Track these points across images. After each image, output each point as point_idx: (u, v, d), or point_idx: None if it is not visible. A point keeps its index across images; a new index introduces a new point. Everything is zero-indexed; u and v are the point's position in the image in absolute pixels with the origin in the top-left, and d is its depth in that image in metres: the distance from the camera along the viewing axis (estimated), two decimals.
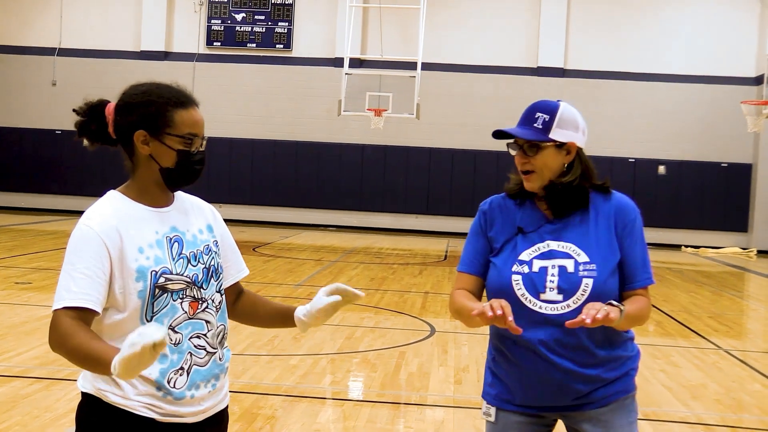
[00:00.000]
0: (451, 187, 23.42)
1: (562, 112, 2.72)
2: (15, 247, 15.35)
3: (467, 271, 2.85)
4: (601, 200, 2.78)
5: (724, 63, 22.94)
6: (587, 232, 2.73)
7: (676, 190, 22.39)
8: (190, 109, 2.44)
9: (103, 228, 2.35)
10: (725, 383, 7.40)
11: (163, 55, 24.00)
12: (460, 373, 7.21)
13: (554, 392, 2.72)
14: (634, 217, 2.77)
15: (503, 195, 2.88)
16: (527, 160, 2.73)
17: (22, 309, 9.22)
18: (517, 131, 2.72)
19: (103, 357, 2.14)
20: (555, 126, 2.71)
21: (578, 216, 2.76)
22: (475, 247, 2.85)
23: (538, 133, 2.70)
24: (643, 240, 2.79)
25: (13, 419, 5.38)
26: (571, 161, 2.75)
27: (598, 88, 22.60)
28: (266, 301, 2.78)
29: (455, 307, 2.79)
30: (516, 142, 2.75)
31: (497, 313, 2.48)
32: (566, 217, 2.76)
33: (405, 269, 14.95)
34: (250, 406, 5.90)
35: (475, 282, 2.84)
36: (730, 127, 22.42)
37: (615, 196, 2.80)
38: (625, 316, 2.59)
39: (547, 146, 2.71)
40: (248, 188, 23.73)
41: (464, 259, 2.87)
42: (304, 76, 23.66)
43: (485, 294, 2.85)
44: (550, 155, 2.72)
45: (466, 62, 23.45)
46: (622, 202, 2.79)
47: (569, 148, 2.74)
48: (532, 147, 2.71)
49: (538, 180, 2.73)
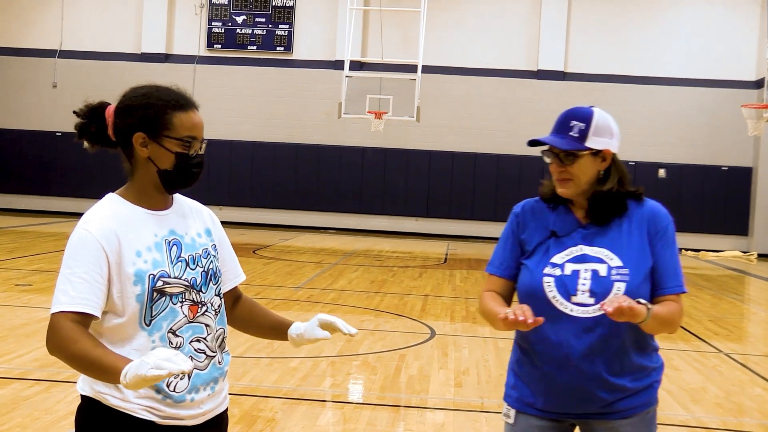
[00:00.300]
0: (451, 190, 23.43)
1: (597, 119, 2.72)
2: (15, 249, 15.35)
3: (498, 274, 2.86)
4: (634, 206, 2.79)
5: (725, 66, 22.95)
6: (620, 238, 2.74)
7: (677, 193, 22.39)
8: (189, 111, 2.44)
9: (102, 232, 2.34)
10: (726, 387, 7.39)
11: (163, 57, 24.01)
12: (461, 376, 7.21)
13: (578, 399, 2.71)
14: (667, 224, 2.78)
15: (536, 198, 2.88)
16: (564, 168, 2.72)
17: (23, 311, 9.21)
18: (554, 141, 2.71)
19: (111, 366, 2.15)
20: (591, 134, 2.70)
21: (612, 222, 2.77)
22: (507, 249, 2.85)
23: (575, 142, 2.70)
24: (675, 247, 2.79)
25: (13, 421, 5.38)
26: (606, 167, 2.76)
27: (598, 92, 22.60)
28: (263, 311, 2.77)
29: (483, 309, 2.81)
30: (551, 150, 2.74)
31: (518, 319, 2.49)
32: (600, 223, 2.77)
33: (405, 272, 14.95)
34: (250, 409, 5.90)
35: (505, 285, 2.85)
36: (731, 131, 22.43)
37: (648, 203, 2.81)
38: (653, 316, 2.56)
39: (583, 155, 2.71)
40: (248, 190, 23.73)
41: (495, 261, 2.88)
42: (304, 78, 23.67)
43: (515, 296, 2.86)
44: (586, 163, 2.72)
45: (466, 65, 23.46)
46: (655, 209, 2.80)
47: (605, 155, 2.74)
48: (569, 156, 2.71)
49: (573, 187, 2.73)
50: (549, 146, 2.74)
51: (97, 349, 2.22)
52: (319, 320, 2.63)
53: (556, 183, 2.76)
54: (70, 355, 2.23)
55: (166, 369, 2.03)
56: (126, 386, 2.10)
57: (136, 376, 2.06)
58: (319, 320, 2.63)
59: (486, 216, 22.93)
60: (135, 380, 2.07)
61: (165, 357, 2.05)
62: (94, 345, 2.23)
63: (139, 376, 2.06)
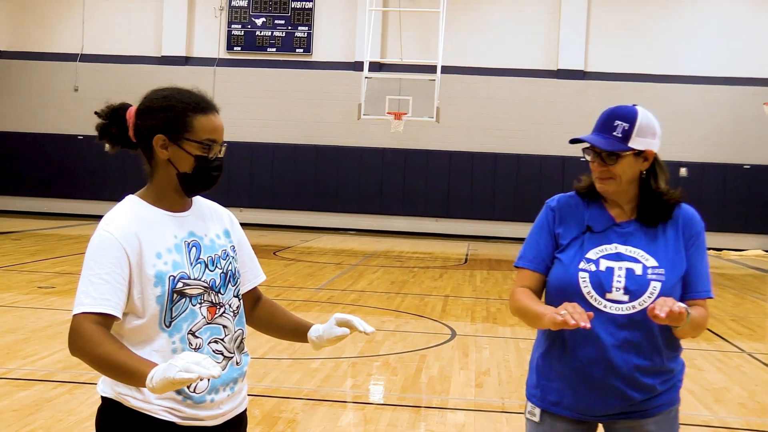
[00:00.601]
0: (471, 191, 23.38)
1: (641, 120, 2.71)
2: (38, 252, 15.47)
3: (530, 268, 2.81)
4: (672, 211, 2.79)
5: (746, 64, 22.78)
6: (656, 239, 2.73)
7: (698, 192, 22.21)
8: (210, 114, 2.45)
9: (123, 233, 2.35)
10: (749, 387, 7.34)
11: (183, 60, 24.13)
12: (481, 377, 7.19)
13: (607, 397, 2.69)
14: (700, 229, 2.79)
15: (570, 194, 2.86)
16: (606, 168, 2.71)
17: (46, 313, 9.28)
18: (597, 141, 2.69)
19: (136, 369, 2.16)
20: (635, 134, 2.69)
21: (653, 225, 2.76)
22: (540, 243, 2.82)
23: (618, 143, 2.68)
24: (706, 253, 2.80)
25: (37, 423, 5.42)
26: (648, 167, 2.75)
27: (618, 91, 22.48)
28: (284, 313, 2.76)
29: (518, 305, 2.75)
30: (593, 149, 2.72)
31: (580, 324, 2.41)
32: (635, 222, 2.76)
33: (425, 273, 14.94)
34: (271, 410, 5.91)
35: (537, 279, 2.81)
36: (753, 129, 22.27)
37: (682, 206, 2.80)
38: (690, 321, 2.57)
39: (626, 155, 2.70)
40: (268, 192, 23.79)
41: (527, 254, 2.83)
42: (323, 80, 23.70)
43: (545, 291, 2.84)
44: (628, 163, 2.71)
45: (486, 65, 23.41)
46: (689, 213, 2.80)
47: (647, 155, 2.74)
48: (611, 155, 2.69)
49: (614, 185, 2.72)
50: (591, 145, 2.72)
51: (122, 352, 2.22)
52: (336, 319, 2.62)
53: (597, 181, 2.74)
54: (93, 358, 2.24)
55: (195, 372, 2.04)
56: (152, 390, 2.11)
57: (164, 379, 2.07)
58: (336, 319, 2.62)
59: (506, 216, 22.87)
60: (162, 383, 2.07)
61: (194, 360, 2.06)
62: (118, 348, 2.24)
63: (167, 379, 2.06)
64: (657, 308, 2.47)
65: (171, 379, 2.06)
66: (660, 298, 2.54)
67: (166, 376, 2.07)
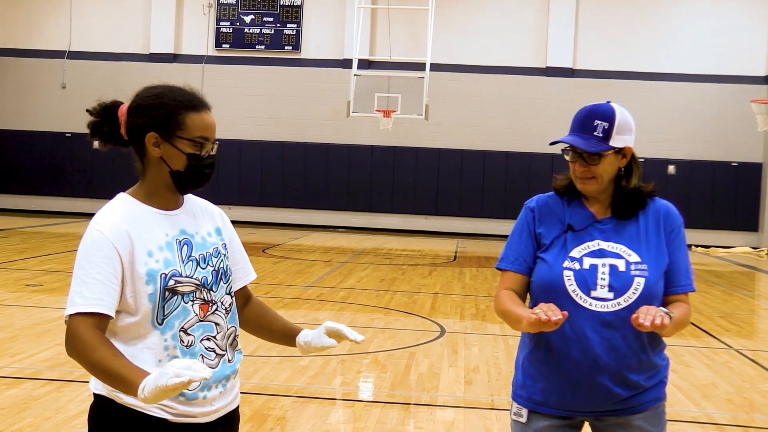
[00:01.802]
0: (460, 188, 23.41)
1: (619, 117, 2.72)
2: (26, 250, 15.41)
3: (513, 269, 2.82)
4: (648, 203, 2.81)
5: (734, 62, 22.87)
6: (638, 235, 2.75)
7: (686, 189, 22.32)
8: (202, 112, 2.45)
9: (114, 232, 2.35)
10: (736, 383, 7.38)
11: (172, 57, 24.06)
12: (471, 374, 7.21)
13: (594, 395, 2.70)
14: (680, 224, 2.81)
15: (550, 193, 2.87)
16: (587, 168, 2.72)
17: (34, 311, 9.25)
18: (580, 142, 2.70)
19: (129, 379, 2.17)
20: (615, 133, 2.70)
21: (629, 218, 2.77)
22: (522, 244, 2.83)
23: (600, 143, 2.69)
24: (686, 247, 2.82)
25: (25, 421, 5.40)
26: (626, 164, 2.77)
27: (607, 88, 22.53)
28: (273, 316, 2.76)
29: (500, 308, 2.78)
30: (575, 150, 2.73)
31: (551, 319, 2.46)
32: (615, 218, 2.77)
33: (414, 270, 14.95)
34: (260, 407, 5.91)
35: (520, 280, 2.82)
36: (740, 126, 22.36)
37: (659, 201, 2.83)
38: (674, 322, 2.59)
39: (608, 154, 2.71)
40: (257, 190, 23.76)
41: (509, 256, 2.84)
42: (312, 77, 23.68)
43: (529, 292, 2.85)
44: (609, 162, 2.72)
45: (474, 63, 23.43)
46: (669, 208, 2.82)
47: (625, 153, 2.76)
48: (593, 156, 2.70)
49: (596, 185, 2.74)
50: (572, 146, 2.73)
51: (116, 359, 2.23)
52: (326, 328, 2.62)
53: (578, 181, 2.75)
54: (89, 363, 2.25)
55: (186, 376, 2.04)
56: (144, 400, 2.12)
57: (156, 388, 2.07)
58: (326, 328, 2.62)
59: (495, 214, 22.91)
60: (154, 393, 2.08)
61: (184, 366, 2.07)
62: (113, 354, 2.24)
63: (159, 387, 2.07)
64: (641, 317, 2.49)
65: (163, 387, 2.06)
66: (643, 307, 2.55)
67: (158, 385, 2.07)
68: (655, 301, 2.70)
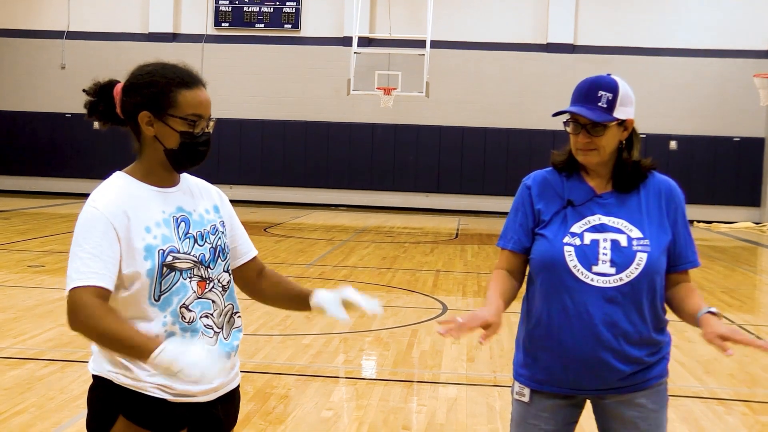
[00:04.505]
0: (461, 165, 23.37)
1: (622, 89, 2.71)
2: (27, 231, 15.41)
3: (511, 248, 2.82)
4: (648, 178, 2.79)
5: (736, 36, 22.75)
6: (639, 210, 2.73)
7: (688, 165, 22.28)
8: (194, 89, 2.42)
9: (110, 208, 2.34)
10: (738, 358, 7.38)
11: (171, 36, 23.96)
12: (473, 351, 7.22)
13: (596, 371, 2.68)
14: (682, 199, 2.79)
15: (547, 169, 2.85)
16: (591, 139, 2.69)
17: (36, 292, 9.26)
18: (586, 112, 2.67)
19: (142, 343, 2.19)
20: (618, 104, 2.69)
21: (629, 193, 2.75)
22: (519, 222, 2.81)
23: (605, 114, 2.67)
24: (688, 222, 2.81)
25: (28, 401, 5.42)
26: (627, 137, 2.76)
27: (608, 64, 22.41)
28: (286, 283, 2.75)
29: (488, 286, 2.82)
30: (577, 121, 2.70)
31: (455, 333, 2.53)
32: (615, 193, 2.75)
33: (416, 248, 14.95)
34: (263, 386, 5.92)
35: (519, 258, 2.82)
36: (743, 101, 22.27)
37: (658, 176, 2.81)
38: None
39: (611, 125, 2.69)
40: (258, 169, 23.73)
41: (507, 234, 2.83)
42: (312, 55, 23.58)
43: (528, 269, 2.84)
44: (612, 134, 2.70)
45: (475, 39, 23.32)
46: (670, 184, 2.80)
47: (627, 125, 2.74)
48: (597, 127, 2.68)
49: (597, 157, 2.71)
50: (574, 117, 2.70)
51: (125, 326, 2.23)
52: (343, 299, 2.61)
53: (580, 153, 2.72)
54: (96, 332, 2.23)
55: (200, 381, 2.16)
56: (154, 365, 2.16)
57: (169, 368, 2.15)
58: (343, 299, 2.61)
59: (496, 191, 22.88)
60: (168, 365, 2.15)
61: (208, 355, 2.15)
62: (121, 322, 2.24)
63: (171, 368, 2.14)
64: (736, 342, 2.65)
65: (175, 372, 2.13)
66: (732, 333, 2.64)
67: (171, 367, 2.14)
68: (656, 276, 2.68)
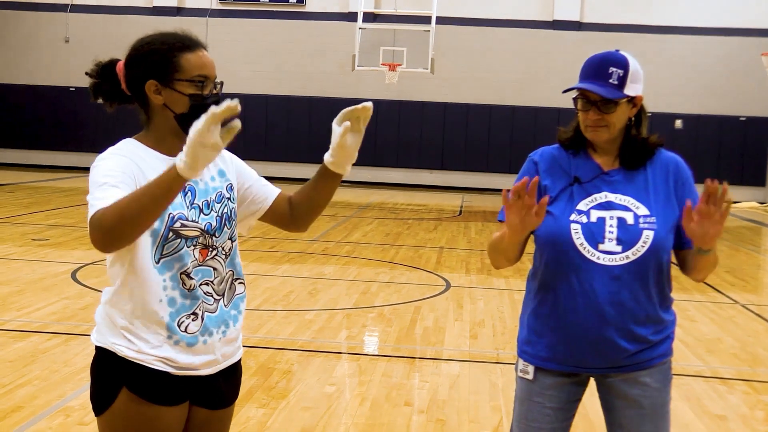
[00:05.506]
0: (465, 142, 23.32)
1: (632, 65, 2.69)
2: (31, 204, 15.43)
3: None
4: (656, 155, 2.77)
5: (744, 14, 22.59)
6: (645, 187, 2.71)
7: (694, 144, 22.19)
8: (196, 51, 2.41)
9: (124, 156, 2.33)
10: (741, 337, 7.39)
11: (175, 10, 23.85)
12: (476, 328, 7.23)
13: (601, 349, 2.67)
14: (690, 175, 2.77)
15: (555, 146, 2.82)
16: (601, 116, 2.67)
17: (40, 265, 9.28)
18: (597, 89, 2.64)
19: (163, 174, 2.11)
20: (629, 81, 2.67)
21: (636, 170, 2.73)
22: None
23: (616, 90, 2.65)
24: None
25: (32, 373, 5.44)
26: (636, 113, 2.74)
27: (614, 42, 22.24)
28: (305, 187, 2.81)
29: (489, 248, 2.84)
30: (588, 97, 2.68)
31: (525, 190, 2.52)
32: (622, 170, 2.73)
33: (420, 224, 14.95)
34: (266, 361, 5.94)
35: None
36: (749, 80, 22.16)
37: (665, 153, 2.78)
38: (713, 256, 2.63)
39: (622, 102, 2.67)
40: (262, 144, 23.69)
41: None
42: (317, 31, 23.48)
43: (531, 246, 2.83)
44: (622, 110, 2.68)
45: (481, 16, 23.19)
46: (677, 160, 2.78)
47: (636, 102, 2.72)
48: (608, 103, 2.66)
49: (607, 133, 2.69)
50: (584, 93, 2.67)
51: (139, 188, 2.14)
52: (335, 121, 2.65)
53: (589, 130, 2.70)
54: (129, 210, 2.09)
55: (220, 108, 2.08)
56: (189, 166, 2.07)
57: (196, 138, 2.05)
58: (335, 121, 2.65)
59: (501, 168, 22.82)
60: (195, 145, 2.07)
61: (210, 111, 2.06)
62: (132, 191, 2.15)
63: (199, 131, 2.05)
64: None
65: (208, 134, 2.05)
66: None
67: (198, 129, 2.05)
68: (663, 254, 2.66)
